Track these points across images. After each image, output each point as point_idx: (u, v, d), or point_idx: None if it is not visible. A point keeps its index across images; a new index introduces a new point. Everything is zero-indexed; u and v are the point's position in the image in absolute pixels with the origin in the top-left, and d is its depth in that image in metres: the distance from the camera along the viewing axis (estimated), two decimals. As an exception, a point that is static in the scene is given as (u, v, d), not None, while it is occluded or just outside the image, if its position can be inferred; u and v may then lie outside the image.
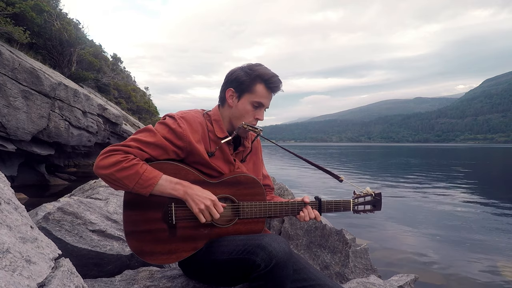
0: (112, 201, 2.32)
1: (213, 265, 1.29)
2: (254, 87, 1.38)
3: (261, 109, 1.42)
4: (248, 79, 1.38)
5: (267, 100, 1.41)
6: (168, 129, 1.30)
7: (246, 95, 1.39)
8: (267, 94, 1.40)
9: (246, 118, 1.39)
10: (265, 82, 1.38)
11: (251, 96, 1.38)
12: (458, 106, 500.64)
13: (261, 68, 1.39)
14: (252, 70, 1.39)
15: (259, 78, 1.37)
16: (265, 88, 1.38)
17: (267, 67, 1.41)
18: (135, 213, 1.28)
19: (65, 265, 1.08)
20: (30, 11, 10.43)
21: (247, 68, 1.40)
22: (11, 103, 7.02)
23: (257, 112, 1.41)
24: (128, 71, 39.00)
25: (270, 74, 1.38)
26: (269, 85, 1.39)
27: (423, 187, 10.97)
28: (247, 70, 1.39)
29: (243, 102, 1.39)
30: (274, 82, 1.39)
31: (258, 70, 1.38)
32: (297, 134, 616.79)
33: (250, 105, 1.39)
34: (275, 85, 1.39)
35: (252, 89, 1.38)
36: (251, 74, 1.38)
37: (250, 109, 1.39)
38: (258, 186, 1.41)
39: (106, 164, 1.20)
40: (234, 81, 1.40)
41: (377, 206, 1.56)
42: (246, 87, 1.38)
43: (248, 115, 1.39)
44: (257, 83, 1.38)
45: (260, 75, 1.37)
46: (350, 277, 2.53)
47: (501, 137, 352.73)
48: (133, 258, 1.82)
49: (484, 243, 4.85)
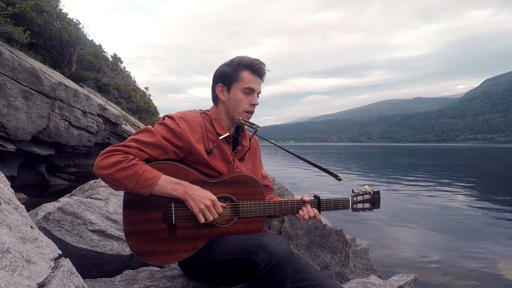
0: (112, 201, 2.32)
1: (213, 265, 1.29)
2: (239, 75, 1.42)
3: (253, 94, 1.44)
4: (231, 69, 1.42)
5: (255, 84, 1.44)
6: (167, 129, 1.31)
7: (234, 85, 1.42)
8: (254, 78, 1.43)
9: (241, 106, 1.42)
10: (248, 68, 1.42)
11: (239, 84, 1.42)
12: (458, 106, 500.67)
13: (241, 57, 1.45)
14: (232, 61, 1.44)
15: (241, 65, 1.42)
16: (250, 73, 1.42)
17: (246, 55, 1.46)
18: (135, 213, 1.28)
19: (65, 265, 1.08)
20: (30, 11, 10.43)
21: (228, 61, 1.46)
22: (11, 103, 7.02)
23: (251, 98, 1.43)
24: (128, 71, 39.04)
25: (251, 59, 1.43)
26: (253, 68, 1.42)
27: (423, 187, 10.97)
28: (229, 63, 1.45)
29: (233, 92, 1.42)
30: (257, 65, 1.42)
31: (238, 59, 1.44)
32: (297, 134, 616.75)
33: (241, 92, 1.42)
34: (258, 67, 1.43)
35: (238, 77, 1.42)
36: (233, 64, 1.43)
37: (242, 96, 1.42)
38: (258, 186, 1.42)
39: (106, 164, 1.20)
40: (219, 76, 1.45)
41: (376, 205, 1.55)
42: (232, 78, 1.42)
43: (242, 103, 1.42)
44: (241, 70, 1.42)
45: (241, 62, 1.42)
46: (350, 277, 2.53)
47: (501, 137, 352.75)
48: (133, 258, 1.82)
49: (485, 243, 4.85)
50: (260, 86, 1.47)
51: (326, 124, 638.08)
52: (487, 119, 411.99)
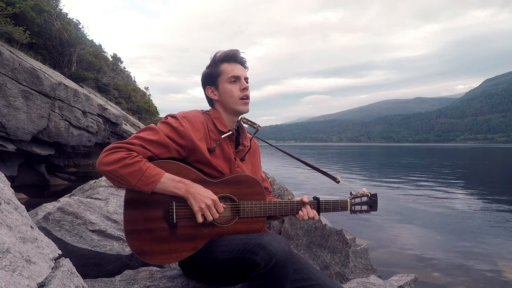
0: (112, 201, 2.32)
1: (213, 265, 1.29)
2: (219, 69, 1.46)
3: (240, 80, 1.46)
4: (211, 68, 1.48)
5: (238, 70, 1.47)
6: (170, 128, 1.32)
7: (219, 80, 1.47)
8: (233, 66, 1.47)
9: (234, 96, 1.44)
10: (224, 59, 1.47)
11: (223, 77, 1.46)
12: (458, 106, 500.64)
13: (215, 54, 1.48)
14: (210, 62, 1.50)
15: (218, 61, 1.47)
16: (228, 63, 1.46)
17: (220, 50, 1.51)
18: (136, 212, 1.28)
19: (65, 265, 1.08)
20: (30, 11, 10.44)
21: (207, 65, 1.51)
22: (11, 103, 7.02)
23: (239, 84, 1.46)
24: (128, 71, 39.04)
25: (224, 51, 1.48)
26: (228, 58, 1.46)
27: (423, 186, 10.97)
28: (208, 65, 1.51)
29: (221, 86, 1.46)
30: (230, 52, 1.47)
31: (213, 57, 1.48)
32: (297, 134, 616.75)
33: (228, 83, 1.45)
34: (232, 54, 1.47)
35: (219, 72, 1.46)
36: (211, 64, 1.49)
37: (230, 86, 1.45)
38: (258, 186, 1.42)
39: (109, 160, 1.20)
40: (204, 80, 1.51)
41: (373, 207, 1.58)
42: (215, 75, 1.47)
43: (233, 92, 1.45)
44: (220, 65, 1.47)
45: (216, 58, 1.48)
46: (350, 277, 2.54)
47: (501, 137, 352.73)
48: (133, 258, 1.82)
49: (485, 243, 4.85)
50: (245, 72, 1.50)
51: (326, 124, 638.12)
52: (487, 119, 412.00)
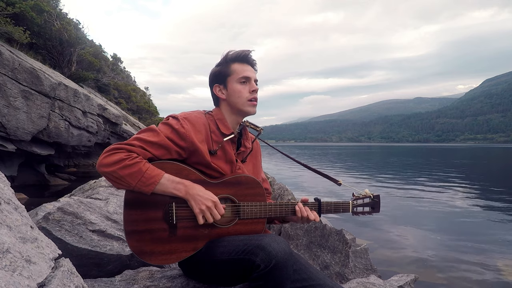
0: (112, 201, 2.32)
1: (213, 265, 1.29)
2: (230, 68, 1.45)
3: (250, 82, 1.45)
4: (222, 67, 1.46)
5: (249, 72, 1.45)
6: (171, 129, 1.31)
7: (229, 79, 1.45)
8: (245, 67, 1.45)
9: (242, 96, 1.43)
10: (236, 59, 1.45)
11: (233, 76, 1.44)
12: (458, 106, 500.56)
13: (227, 53, 1.47)
14: (221, 60, 1.48)
15: (229, 60, 1.46)
16: (240, 63, 1.45)
17: (232, 49, 1.49)
18: (135, 212, 1.28)
19: (65, 265, 1.08)
20: (30, 11, 10.44)
21: (217, 63, 1.50)
22: (11, 103, 7.02)
23: (249, 86, 1.45)
24: (128, 71, 39.02)
25: (236, 51, 1.46)
26: (241, 58, 1.45)
27: (423, 186, 10.96)
28: (218, 63, 1.49)
29: (230, 86, 1.44)
30: (243, 53, 1.45)
31: (225, 56, 1.47)
32: (297, 134, 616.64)
33: (238, 83, 1.44)
34: (245, 55, 1.46)
35: (230, 71, 1.44)
36: (222, 62, 1.47)
37: (240, 87, 1.43)
38: (259, 187, 1.41)
39: (109, 162, 1.20)
40: (213, 77, 1.49)
41: (376, 208, 1.55)
42: (225, 74, 1.45)
43: (242, 93, 1.43)
44: (231, 64, 1.45)
45: (228, 57, 1.46)
46: (350, 277, 2.53)
47: (501, 137, 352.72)
48: (133, 258, 1.82)
49: (485, 242, 4.85)
50: (255, 74, 1.49)
51: (326, 124, 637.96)
52: (487, 119, 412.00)
